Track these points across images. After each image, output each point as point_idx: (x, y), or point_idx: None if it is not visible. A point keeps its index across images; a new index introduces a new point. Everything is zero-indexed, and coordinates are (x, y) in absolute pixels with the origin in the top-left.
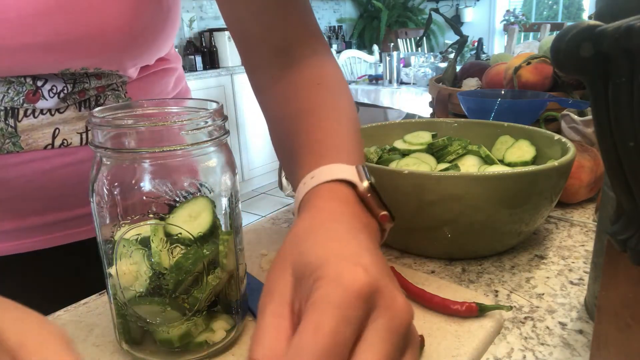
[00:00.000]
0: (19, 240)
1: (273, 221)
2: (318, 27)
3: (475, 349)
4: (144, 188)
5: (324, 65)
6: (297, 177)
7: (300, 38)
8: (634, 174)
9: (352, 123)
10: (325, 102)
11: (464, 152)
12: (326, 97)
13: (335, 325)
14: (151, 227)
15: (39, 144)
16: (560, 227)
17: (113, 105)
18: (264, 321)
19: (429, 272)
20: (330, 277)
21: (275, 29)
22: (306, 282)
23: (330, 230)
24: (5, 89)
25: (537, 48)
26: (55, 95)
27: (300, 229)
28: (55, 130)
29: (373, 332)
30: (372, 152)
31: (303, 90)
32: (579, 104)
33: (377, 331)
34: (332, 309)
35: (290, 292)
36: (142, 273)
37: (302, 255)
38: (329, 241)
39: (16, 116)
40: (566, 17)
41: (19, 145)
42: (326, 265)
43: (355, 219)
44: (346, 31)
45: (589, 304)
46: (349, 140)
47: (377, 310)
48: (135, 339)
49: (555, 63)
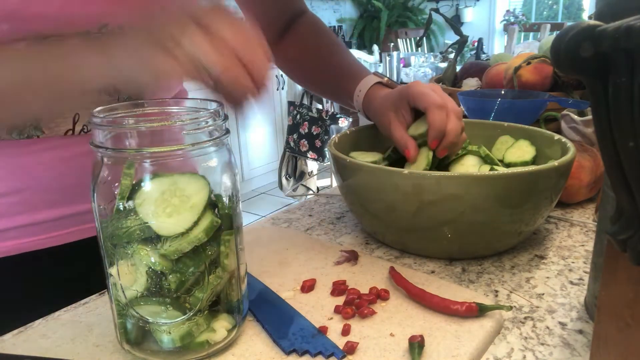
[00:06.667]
0: (33, 236)
1: (273, 221)
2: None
3: (475, 349)
4: (144, 188)
5: (316, 21)
6: (348, 88)
7: (299, 5)
8: (634, 174)
9: (349, 51)
10: (334, 41)
11: (464, 152)
12: (332, 38)
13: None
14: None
15: (60, 128)
16: (560, 227)
17: (113, 105)
18: (398, 130)
19: (429, 272)
20: (426, 99)
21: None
22: (402, 104)
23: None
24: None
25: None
26: None
27: (382, 97)
28: (75, 116)
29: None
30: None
31: (316, 36)
32: (579, 104)
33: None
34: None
35: (396, 116)
36: (142, 273)
37: (387, 101)
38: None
39: None
40: (566, 17)
41: (40, 129)
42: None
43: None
44: (346, 31)
45: (589, 304)
46: (356, 60)
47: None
48: (136, 339)
49: (555, 63)
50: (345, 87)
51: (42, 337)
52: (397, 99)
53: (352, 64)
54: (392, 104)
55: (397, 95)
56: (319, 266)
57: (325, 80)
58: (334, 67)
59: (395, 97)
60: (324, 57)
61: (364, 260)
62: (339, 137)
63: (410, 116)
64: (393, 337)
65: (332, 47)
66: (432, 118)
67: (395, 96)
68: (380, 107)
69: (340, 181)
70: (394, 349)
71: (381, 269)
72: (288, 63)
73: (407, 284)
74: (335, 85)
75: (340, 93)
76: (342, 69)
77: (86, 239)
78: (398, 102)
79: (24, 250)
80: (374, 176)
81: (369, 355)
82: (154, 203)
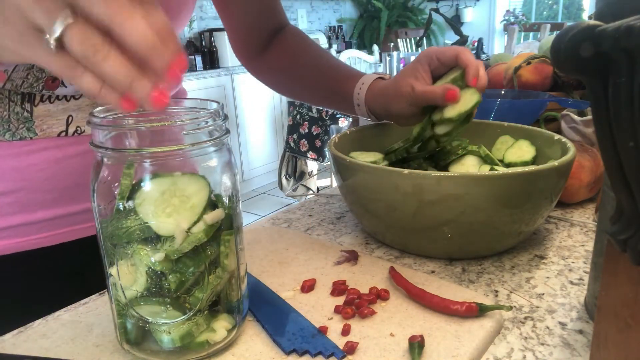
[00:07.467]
0: (27, 236)
1: (273, 221)
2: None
3: (475, 349)
4: (144, 188)
5: (299, 31)
6: (346, 87)
7: (281, 16)
8: (634, 174)
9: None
10: (321, 48)
11: (464, 152)
12: (318, 45)
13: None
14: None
15: (53, 130)
16: (560, 227)
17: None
18: (427, 86)
19: (429, 272)
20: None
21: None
22: (421, 68)
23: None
24: (25, 75)
25: (537, 48)
26: None
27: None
28: (69, 117)
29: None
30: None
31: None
32: (579, 104)
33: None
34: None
35: (417, 80)
36: (142, 273)
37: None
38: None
39: (32, 100)
40: (566, 17)
41: (33, 130)
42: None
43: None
44: (346, 31)
45: (589, 304)
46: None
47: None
48: (136, 339)
49: (555, 63)
50: (342, 87)
51: (42, 337)
52: (414, 65)
53: (346, 67)
54: (409, 71)
55: (414, 62)
56: (319, 266)
57: (319, 83)
58: (327, 69)
59: (411, 65)
60: (315, 61)
61: (364, 260)
62: (339, 137)
63: (430, 79)
64: (393, 337)
65: (321, 52)
66: (466, 58)
67: (411, 65)
68: (394, 83)
69: (340, 181)
70: (394, 349)
71: (381, 269)
72: (275, 74)
73: (407, 284)
74: (330, 87)
75: (336, 94)
76: (337, 71)
77: (81, 239)
78: (416, 67)
79: (18, 250)
80: (374, 176)
81: (369, 355)
82: (154, 203)
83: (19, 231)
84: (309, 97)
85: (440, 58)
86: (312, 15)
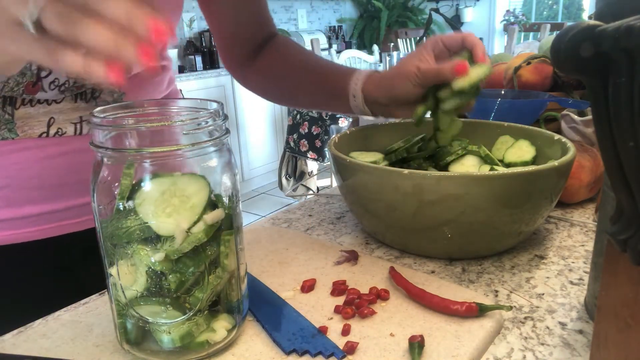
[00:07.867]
0: (15, 229)
1: (273, 221)
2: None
3: (475, 349)
4: (144, 188)
5: (288, 39)
6: (341, 84)
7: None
8: (634, 174)
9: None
10: (313, 53)
11: (464, 152)
12: (309, 50)
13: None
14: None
15: (34, 131)
16: (560, 227)
17: (114, 105)
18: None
19: (429, 272)
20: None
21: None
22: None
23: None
24: (6, 79)
25: (537, 48)
26: (55, 87)
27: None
28: (50, 119)
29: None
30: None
31: (294, 48)
32: (579, 104)
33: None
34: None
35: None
36: (142, 273)
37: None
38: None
39: (14, 104)
40: (566, 17)
41: (14, 131)
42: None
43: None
44: (346, 31)
45: (589, 304)
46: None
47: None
48: (136, 339)
49: (555, 63)
50: (336, 82)
51: (42, 337)
52: (418, 50)
53: (338, 65)
54: (414, 55)
55: (419, 48)
56: (319, 266)
57: (313, 85)
58: (318, 67)
59: (416, 51)
60: (308, 64)
61: (364, 260)
62: (339, 137)
63: (434, 62)
64: (393, 337)
65: (313, 55)
66: (473, 38)
67: (416, 51)
68: (398, 67)
69: (340, 181)
70: (394, 349)
71: (381, 269)
72: (266, 81)
73: (407, 284)
74: (325, 87)
75: (332, 94)
76: (329, 69)
77: (71, 233)
78: (420, 51)
79: (8, 242)
80: (374, 176)
81: (369, 355)
82: (154, 203)
83: (8, 224)
84: (301, 100)
85: (445, 41)
86: (312, 15)
